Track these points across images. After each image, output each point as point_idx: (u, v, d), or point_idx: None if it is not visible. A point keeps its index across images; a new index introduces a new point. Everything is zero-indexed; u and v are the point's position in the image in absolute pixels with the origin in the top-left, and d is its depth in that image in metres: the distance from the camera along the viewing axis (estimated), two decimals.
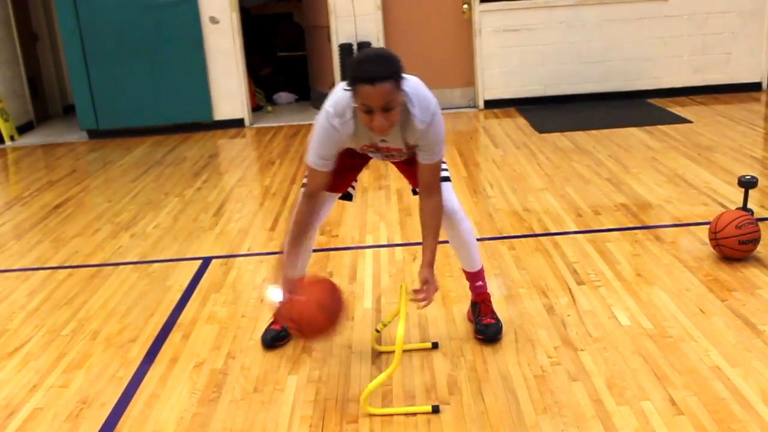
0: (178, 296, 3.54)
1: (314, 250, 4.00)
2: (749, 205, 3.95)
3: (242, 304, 3.43)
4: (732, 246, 3.49)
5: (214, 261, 3.96)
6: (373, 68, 2.28)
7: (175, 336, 3.14)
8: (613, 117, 6.90)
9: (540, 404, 2.50)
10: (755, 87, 7.65)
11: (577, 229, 4.11)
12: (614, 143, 5.96)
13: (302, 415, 2.52)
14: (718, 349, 2.78)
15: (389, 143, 2.56)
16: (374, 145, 2.59)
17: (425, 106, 2.48)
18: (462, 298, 3.33)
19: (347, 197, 2.96)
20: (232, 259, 3.99)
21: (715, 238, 3.54)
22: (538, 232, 4.11)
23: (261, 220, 4.60)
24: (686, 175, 4.98)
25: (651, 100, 7.52)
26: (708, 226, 3.69)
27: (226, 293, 3.55)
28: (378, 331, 2.91)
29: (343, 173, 2.78)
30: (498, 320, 2.96)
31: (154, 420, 2.54)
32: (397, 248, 4.01)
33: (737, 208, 4.03)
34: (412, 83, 2.48)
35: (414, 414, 2.49)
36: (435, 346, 2.92)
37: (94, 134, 7.53)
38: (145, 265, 3.98)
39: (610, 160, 5.46)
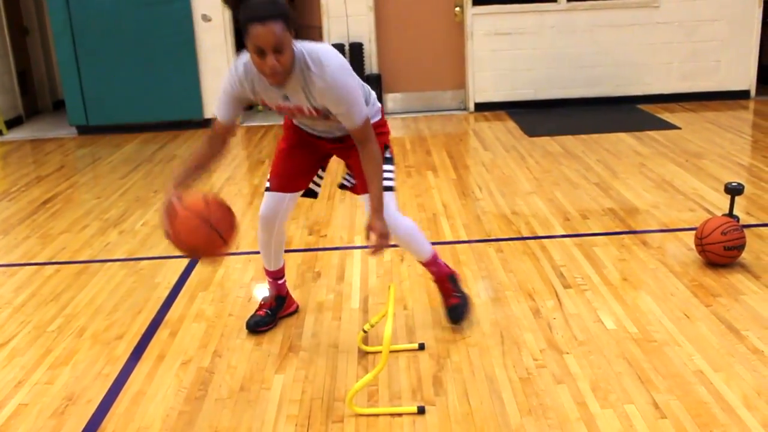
0: (165, 294, 3.54)
1: (303, 250, 4.04)
2: (735, 212, 3.98)
3: (230, 302, 3.43)
4: (717, 252, 3.52)
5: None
6: (262, 8, 2.31)
7: (162, 333, 3.14)
8: (602, 122, 6.94)
9: (525, 406, 2.52)
10: (744, 95, 7.71)
11: (564, 233, 4.13)
12: (603, 148, 5.99)
13: (288, 414, 2.53)
14: (702, 353, 2.81)
15: (291, 102, 2.55)
16: (276, 105, 2.60)
17: (324, 62, 2.44)
18: None
19: (311, 194, 3.00)
20: (220, 257, 3.98)
21: (701, 244, 3.57)
22: (526, 235, 4.14)
23: (250, 219, 4.60)
24: (674, 181, 5.02)
25: (640, 106, 7.57)
26: (694, 232, 3.72)
27: (214, 291, 3.55)
28: (365, 332, 2.92)
29: (299, 171, 2.87)
30: (463, 297, 3.02)
31: (139, 417, 2.54)
32: (386, 251, 4.00)
33: (723, 215, 4.06)
34: (318, 45, 2.50)
35: (399, 414, 2.50)
36: (422, 347, 2.93)
37: (84, 130, 7.50)
38: (133, 262, 3.97)
39: (598, 165, 5.49)
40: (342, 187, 3.01)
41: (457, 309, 3.02)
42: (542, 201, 4.70)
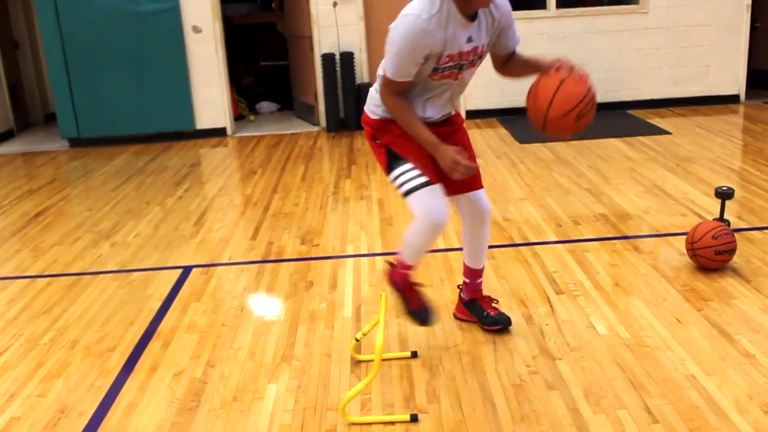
0: (158, 305, 3.53)
1: (296, 259, 4.04)
2: (726, 216, 4.00)
3: (222, 312, 3.42)
4: (708, 256, 3.54)
5: (194, 270, 3.96)
6: None
7: (154, 345, 3.13)
8: (593, 128, 6.92)
9: (518, 413, 2.52)
10: (733, 99, 7.75)
11: (556, 239, 4.14)
12: (594, 154, 6.01)
13: (281, 424, 2.52)
14: (694, 358, 2.81)
15: (474, 41, 2.53)
16: (458, 54, 2.51)
17: None
18: (440, 307, 3.34)
19: None
20: (212, 268, 3.98)
21: (692, 249, 3.59)
22: (518, 241, 4.15)
23: (242, 230, 4.60)
24: (665, 185, 5.04)
25: (631, 112, 7.60)
26: (685, 237, 3.74)
27: (207, 302, 3.54)
28: (357, 341, 2.92)
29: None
30: (501, 310, 3.03)
31: (132, 429, 2.53)
32: (377, 258, 4.02)
33: (714, 219, 4.08)
34: None
35: (392, 423, 2.49)
36: (414, 355, 2.93)
37: (75, 143, 7.49)
38: (125, 274, 3.97)
39: (590, 171, 5.51)
40: None
41: (501, 315, 3.03)
42: (534, 207, 4.72)
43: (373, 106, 2.73)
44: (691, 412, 2.48)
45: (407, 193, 2.62)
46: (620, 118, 7.37)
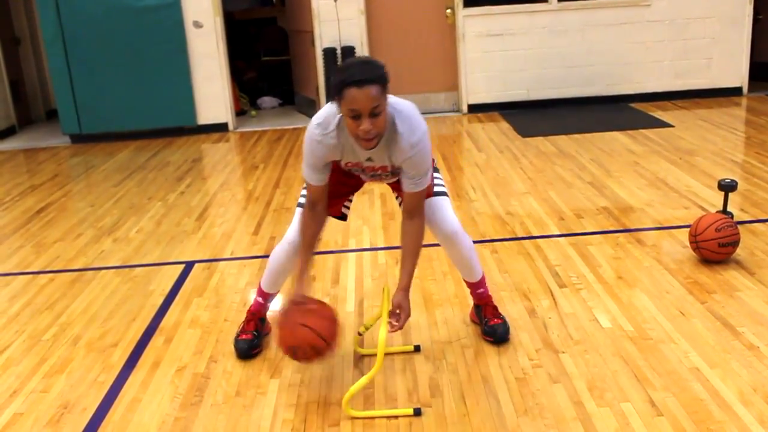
0: (160, 300, 3.53)
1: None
2: (729, 208, 3.99)
3: (225, 308, 3.42)
4: (712, 249, 3.53)
5: (197, 265, 3.95)
6: (359, 72, 2.30)
7: (157, 340, 3.13)
8: (595, 121, 6.95)
9: (521, 406, 2.51)
10: (736, 92, 7.73)
11: (559, 233, 4.13)
12: (597, 147, 6.00)
13: (284, 419, 2.52)
14: (698, 350, 2.81)
15: (375, 162, 2.56)
16: (359, 164, 2.59)
17: (413, 127, 2.47)
18: (444, 301, 3.34)
19: (342, 218, 2.96)
20: (215, 263, 3.98)
21: (695, 241, 3.57)
22: (520, 235, 4.14)
23: (244, 225, 4.60)
24: (667, 178, 5.03)
25: (633, 105, 7.59)
26: (688, 229, 3.73)
27: (209, 297, 3.54)
28: (360, 334, 2.91)
29: (336, 194, 2.78)
30: (504, 320, 2.98)
31: (135, 425, 2.53)
32: (380, 252, 4.01)
33: (717, 212, 4.07)
34: (404, 104, 2.51)
35: (396, 417, 2.49)
36: (417, 349, 2.92)
37: (77, 138, 7.49)
38: (127, 269, 3.96)
39: (592, 164, 5.50)
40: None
41: (499, 328, 2.94)
42: (537, 201, 4.70)
43: None
44: (695, 404, 2.47)
45: (298, 204, 2.82)
46: (622, 112, 7.35)
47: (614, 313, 3.14)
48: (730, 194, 4.05)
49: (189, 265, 3.95)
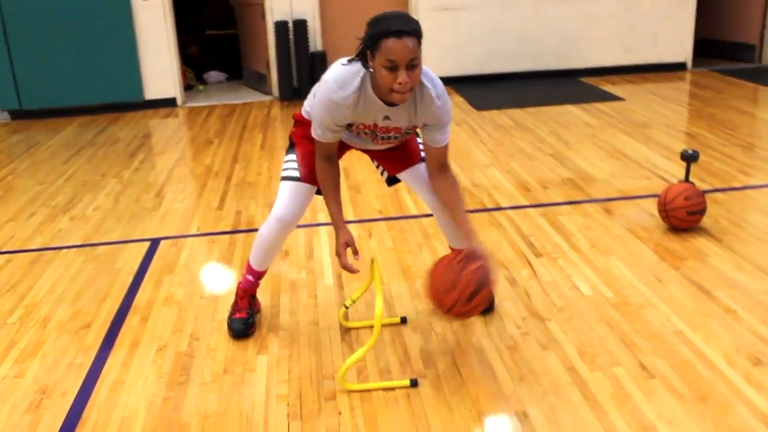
0: (129, 279, 3.40)
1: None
2: (690, 179, 4.07)
3: (199, 285, 3.32)
4: (681, 217, 3.60)
5: (163, 242, 3.83)
6: (397, 23, 2.24)
7: (132, 320, 3.02)
8: (548, 94, 7.02)
9: (516, 373, 2.52)
10: (681, 67, 7.91)
11: (528, 204, 4.16)
12: (552, 120, 6.06)
13: (278, 394, 2.46)
14: (678, 314, 2.87)
15: (392, 121, 2.49)
16: (372, 125, 2.51)
17: (435, 80, 2.47)
18: (422, 272, 3.31)
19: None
20: (182, 239, 3.86)
21: (665, 210, 3.64)
22: (489, 206, 4.14)
23: (207, 200, 4.47)
24: (626, 150, 5.11)
25: (583, 79, 7.69)
26: (654, 199, 3.80)
27: (181, 274, 3.43)
28: (346, 307, 2.87)
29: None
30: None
31: (122, 406, 2.44)
32: (351, 225, 3.96)
33: (680, 182, 4.16)
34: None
35: (392, 389, 2.46)
36: (404, 321, 2.90)
37: (17, 115, 7.15)
38: (89, 248, 3.81)
39: (551, 137, 5.55)
40: (390, 182, 2.91)
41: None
42: (500, 173, 4.72)
43: (305, 110, 2.72)
44: (683, 366, 2.52)
45: (281, 178, 2.73)
46: (573, 85, 7.44)
47: (593, 281, 3.18)
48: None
49: (155, 243, 3.82)
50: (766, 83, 7.06)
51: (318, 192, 2.83)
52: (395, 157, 2.78)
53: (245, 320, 2.85)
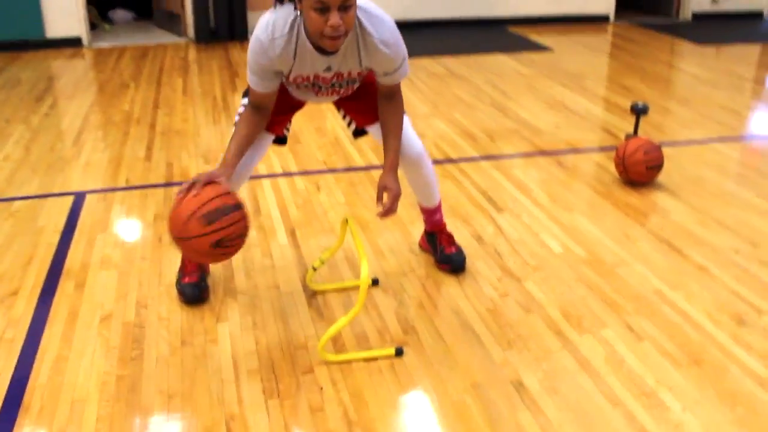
0: (56, 238, 3.03)
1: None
2: (629, 133, 4.03)
3: (138, 245, 2.99)
4: (639, 171, 3.54)
5: (89, 196, 3.45)
6: None
7: (66, 286, 2.68)
8: (478, 43, 6.85)
9: (502, 339, 2.37)
10: (604, 19, 7.91)
11: (478, 155, 4.00)
12: (486, 69, 5.91)
13: (248, 369, 2.22)
14: (654, 273, 2.79)
15: (334, 69, 2.24)
16: (310, 77, 2.26)
17: (382, 22, 2.20)
18: (382, 229, 3.12)
19: (281, 141, 2.61)
20: (110, 193, 3.49)
21: (623, 164, 3.56)
22: (439, 158, 3.96)
23: (132, 150, 4.08)
24: (565, 101, 5.03)
25: (510, 28, 7.56)
26: (605, 153, 3.73)
27: (115, 233, 3.09)
28: (315, 269, 2.63)
29: (279, 110, 2.43)
30: (460, 248, 2.81)
31: (69, 388, 2.13)
32: (296, 177, 3.69)
33: (628, 135, 4.10)
34: (363, 0, 2.18)
35: (374, 359, 2.27)
36: (375, 282, 2.70)
37: None
38: (4, 203, 3.38)
39: (488, 86, 5.40)
40: (356, 134, 2.68)
41: (455, 256, 2.77)
42: (444, 123, 4.54)
43: None
44: (670, 328, 2.44)
45: (235, 124, 2.39)
46: (501, 35, 7.30)
47: (562, 238, 3.07)
48: (630, 118, 4.08)
49: (80, 196, 3.44)
50: (685, 37, 7.16)
51: (276, 141, 2.57)
52: (365, 108, 2.54)
53: (197, 284, 2.57)
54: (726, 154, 4.04)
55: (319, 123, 4.52)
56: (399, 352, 2.28)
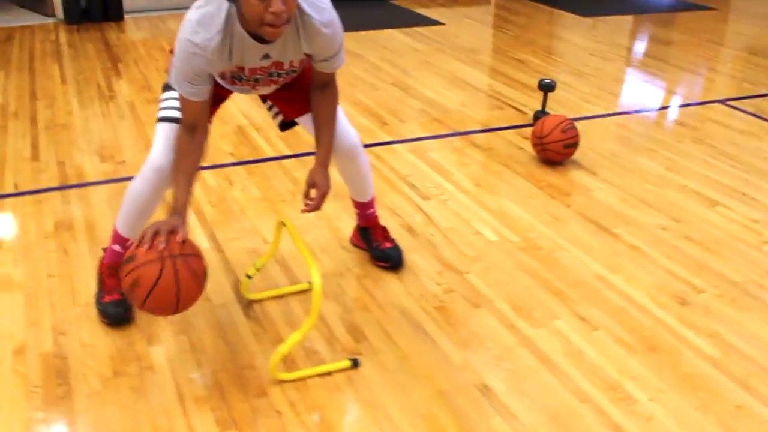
0: None
1: (104, 182, 3.34)
2: (536, 109, 4.06)
3: (42, 260, 2.68)
4: (557, 150, 3.54)
5: None
6: None
7: None
8: (365, 18, 6.70)
9: (457, 339, 2.29)
10: None
11: (391, 139, 3.89)
12: (380, 46, 5.78)
13: (196, 397, 2.02)
14: (591, 256, 2.79)
15: (273, 57, 2.06)
16: (245, 69, 2.07)
17: (321, 6, 2.05)
18: (307, 226, 2.96)
19: None
20: (0, 200, 3.13)
21: (541, 143, 3.56)
22: None
23: (14, 148, 3.67)
24: (466, 77, 4.99)
25: (393, 2, 7.45)
26: (515, 130, 3.73)
27: (13, 248, 2.76)
28: (249, 277, 2.44)
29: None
30: (396, 243, 2.70)
31: None
32: (205, 173, 3.45)
33: (537, 111, 4.12)
34: None
35: (329, 373, 2.13)
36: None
37: None
38: None
39: (385, 64, 5.28)
40: (283, 127, 2.50)
41: (393, 252, 2.66)
42: (348, 105, 4.39)
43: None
44: (618, 314, 2.45)
45: (159, 119, 2.24)
46: (388, 9, 7.17)
47: (493, 224, 3.02)
48: (537, 94, 4.10)
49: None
50: (565, 9, 7.30)
51: None
52: (296, 98, 2.36)
53: (120, 302, 2.33)
54: (630, 128, 4.13)
55: (219, 110, 4.25)
56: (355, 364, 2.15)
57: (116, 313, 2.30)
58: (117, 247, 2.35)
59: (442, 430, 1.93)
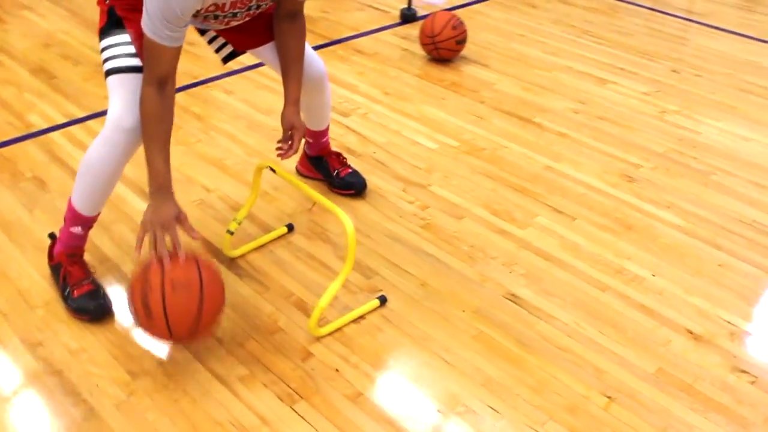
0: None
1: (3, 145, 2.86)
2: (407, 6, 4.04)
3: (14, 261, 2.26)
4: (450, 47, 3.54)
5: None
6: None
7: None
8: None
9: (460, 254, 2.30)
10: None
11: None
12: None
13: (240, 377, 1.85)
14: (531, 149, 2.88)
15: None
16: (224, 4, 1.84)
17: None
18: (249, 168, 2.75)
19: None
20: None
21: (433, 42, 3.53)
22: (237, 68, 3.54)
23: None
24: None
25: None
26: (390, 30, 3.73)
27: None
28: (231, 233, 2.23)
29: None
30: (354, 169, 2.59)
31: None
32: (89, 122, 3.04)
33: (404, 9, 4.07)
34: None
35: (363, 317, 2.05)
36: (291, 228, 2.39)
37: None
38: None
39: None
40: (228, 58, 2.25)
41: (354, 178, 2.56)
42: None
43: None
44: (584, 200, 2.57)
45: (109, 72, 1.90)
46: None
47: (425, 131, 3.00)
48: None
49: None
50: None
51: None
52: (252, 28, 2.13)
53: (95, 292, 2.05)
54: (490, 15, 4.21)
55: None
56: (383, 301, 2.09)
57: (97, 305, 2.02)
58: (77, 230, 2.04)
59: (497, 346, 1.96)
